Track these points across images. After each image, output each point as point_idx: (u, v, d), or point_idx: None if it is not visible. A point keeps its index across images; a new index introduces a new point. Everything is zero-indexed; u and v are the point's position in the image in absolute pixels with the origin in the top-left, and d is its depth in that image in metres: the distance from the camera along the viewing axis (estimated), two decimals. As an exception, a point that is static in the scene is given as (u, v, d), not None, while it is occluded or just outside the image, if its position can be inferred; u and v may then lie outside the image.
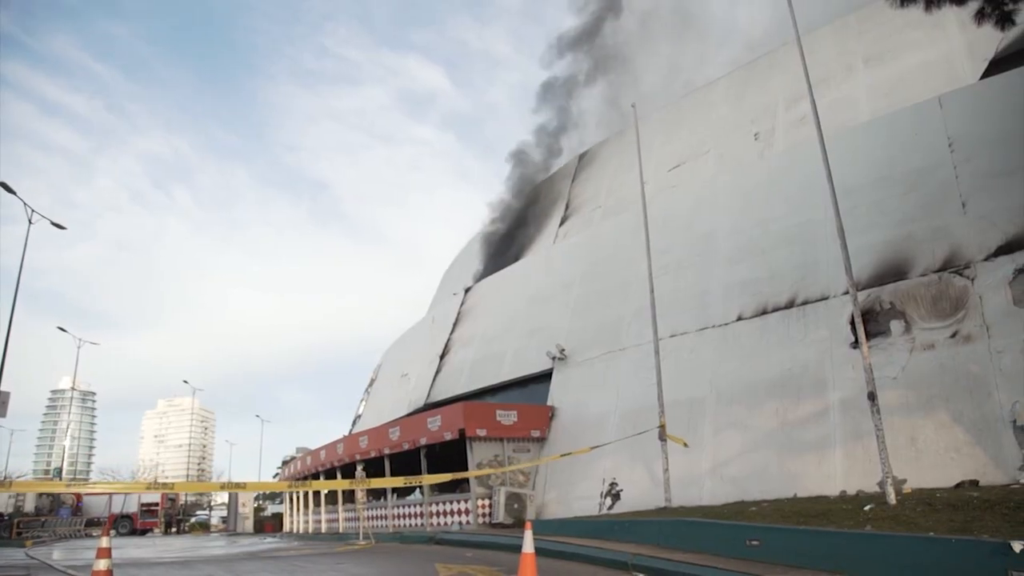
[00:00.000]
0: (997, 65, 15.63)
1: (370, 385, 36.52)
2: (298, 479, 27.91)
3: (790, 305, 14.46)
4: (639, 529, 11.33)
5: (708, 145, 23.00)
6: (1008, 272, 11.79)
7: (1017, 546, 6.60)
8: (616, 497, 15.35)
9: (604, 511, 15.20)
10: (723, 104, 24.24)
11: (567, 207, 28.72)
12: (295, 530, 29.63)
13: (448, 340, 27.29)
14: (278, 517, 39.81)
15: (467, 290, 29.19)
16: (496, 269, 28.56)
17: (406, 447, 19.12)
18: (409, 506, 19.33)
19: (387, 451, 19.98)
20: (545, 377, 19.92)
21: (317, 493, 26.63)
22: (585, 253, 22.30)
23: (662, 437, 13.44)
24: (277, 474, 49.34)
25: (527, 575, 8.06)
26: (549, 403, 18.89)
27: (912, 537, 7.74)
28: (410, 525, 18.94)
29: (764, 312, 14.90)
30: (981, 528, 7.71)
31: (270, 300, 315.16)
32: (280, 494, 40.70)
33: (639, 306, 16.11)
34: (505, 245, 31.69)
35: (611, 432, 16.00)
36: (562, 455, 15.46)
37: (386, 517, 20.09)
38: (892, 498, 9.36)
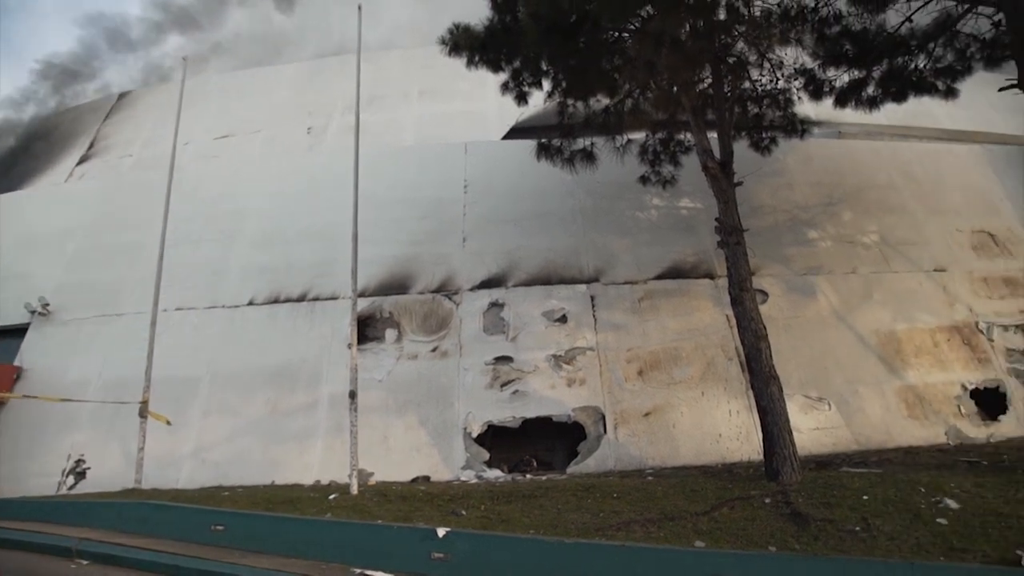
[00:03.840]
0: (517, 131, 18.45)
1: None
2: None
3: (302, 299, 14.94)
4: (97, 512, 10.42)
5: (262, 125, 22.58)
6: (484, 304, 14.05)
7: (440, 532, 7.75)
8: (81, 475, 13.89)
9: (64, 491, 13.63)
10: (287, 89, 24.07)
11: (91, 145, 25.34)
12: None
13: None
14: None
15: (-68, 214, 23.74)
16: (-18, 196, 23.80)
17: None
18: None
19: None
20: (18, 332, 17.18)
21: None
22: (100, 201, 19.90)
23: (143, 414, 12.66)
24: None
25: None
26: (17, 362, 16.33)
27: (362, 524, 8.56)
28: None
29: (276, 301, 15.12)
30: (420, 517, 8.85)
31: None
32: None
33: (148, 272, 14.97)
34: (1, 169, 26.62)
35: (90, 403, 14.49)
36: (25, 396, 13.54)
37: None
38: (355, 489, 10.23)
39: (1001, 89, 9.96)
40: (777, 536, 7.88)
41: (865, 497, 8.67)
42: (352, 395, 10.70)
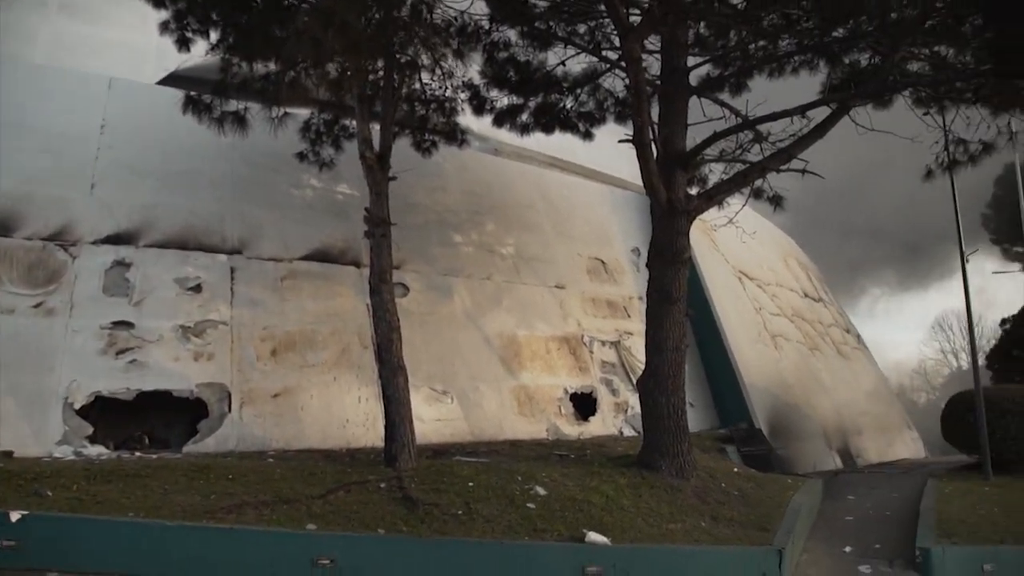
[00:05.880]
0: (177, 79, 16.61)
1: None
2: None
3: None
4: None
5: None
6: (108, 261, 12.50)
7: (14, 515, 6.86)
8: None
9: None
10: None
11: None
12: None
13: None
14: None
15: None
16: None
17: None
18: None
19: None
20: None
21: None
22: None
23: None
24: None
25: None
26: None
27: None
28: None
29: None
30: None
31: None
32: None
33: None
34: None
35: None
36: None
37: None
38: (-97, 462, 8.52)
39: (620, 141, 11.63)
40: (387, 519, 8.30)
41: (471, 484, 9.53)
42: (-88, 350, 8.87)
